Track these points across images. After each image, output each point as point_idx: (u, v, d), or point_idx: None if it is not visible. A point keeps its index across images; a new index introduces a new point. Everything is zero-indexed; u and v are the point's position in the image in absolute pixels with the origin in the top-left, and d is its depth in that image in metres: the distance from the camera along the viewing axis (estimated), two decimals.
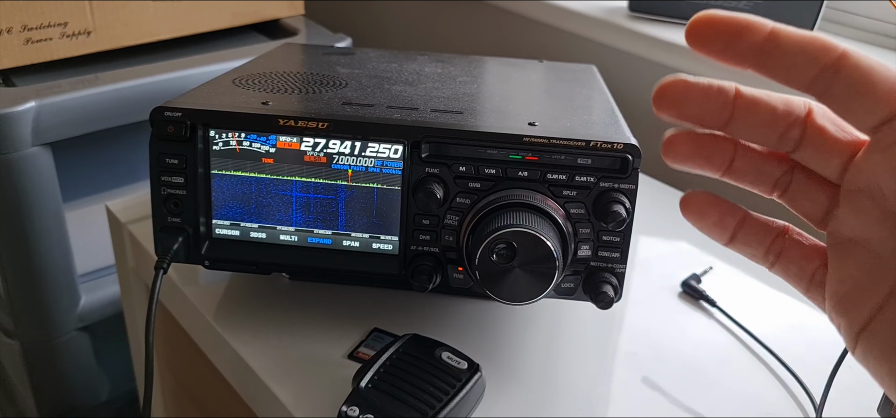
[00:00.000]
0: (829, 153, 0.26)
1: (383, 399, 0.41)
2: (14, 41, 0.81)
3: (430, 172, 0.44)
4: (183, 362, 0.66)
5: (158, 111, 0.45)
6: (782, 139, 0.27)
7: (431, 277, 0.46)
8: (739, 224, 0.29)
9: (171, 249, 0.46)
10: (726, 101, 0.26)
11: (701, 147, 0.28)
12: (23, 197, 0.79)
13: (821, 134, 0.26)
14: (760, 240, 0.29)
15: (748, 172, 0.28)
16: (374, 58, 0.64)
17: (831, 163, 0.27)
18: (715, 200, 0.29)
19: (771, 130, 0.26)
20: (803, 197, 0.28)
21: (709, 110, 0.27)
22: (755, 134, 0.27)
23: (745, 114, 0.26)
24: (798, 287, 0.29)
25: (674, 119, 0.27)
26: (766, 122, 0.26)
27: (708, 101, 0.26)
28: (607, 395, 0.48)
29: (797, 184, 0.28)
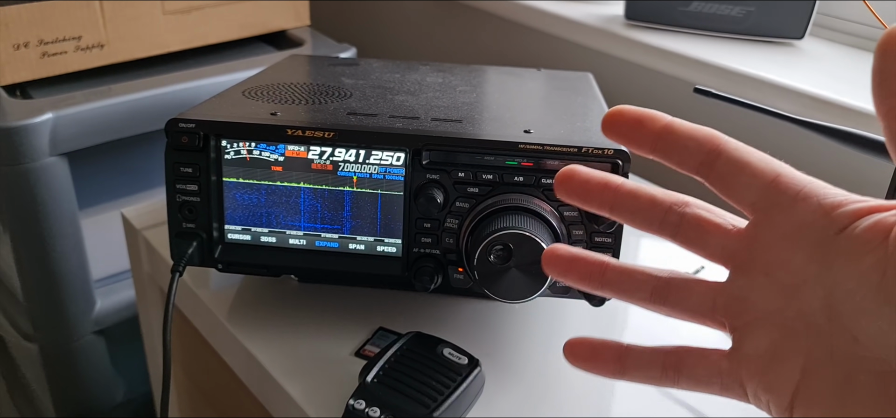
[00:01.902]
0: (706, 232, 0.29)
1: (388, 393, 0.43)
2: (31, 55, 0.84)
3: (431, 178, 0.47)
4: (196, 362, 0.68)
5: (173, 123, 0.47)
6: (663, 222, 0.30)
7: (433, 278, 0.48)
8: (622, 354, 0.31)
9: (185, 254, 0.49)
10: (608, 190, 0.30)
11: (577, 265, 0.32)
12: (40, 205, 0.82)
13: (697, 218, 0.29)
14: (651, 362, 0.30)
15: (621, 288, 0.31)
16: (378, 68, 0.66)
17: (710, 242, 0.29)
18: (591, 341, 0.32)
19: (650, 214, 0.30)
20: (684, 300, 0.30)
21: (593, 196, 0.31)
22: (638, 217, 0.30)
23: (627, 200, 0.30)
24: (713, 389, 0.29)
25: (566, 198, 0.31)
26: (645, 207, 0.30)
27: (590, 189, 0.31)
28: (603, 389, 0.50)
29: (674, 292, 0.30)
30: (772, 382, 0.27)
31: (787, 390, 0.27)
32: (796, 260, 0.27)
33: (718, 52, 0.79)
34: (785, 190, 0.27)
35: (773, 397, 0.27)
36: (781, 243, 0.27)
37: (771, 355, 0.27)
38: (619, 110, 0.30)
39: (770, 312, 0.27)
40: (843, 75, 0.75)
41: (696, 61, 0.78)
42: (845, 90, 0.69)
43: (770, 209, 0.27)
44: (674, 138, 0.29)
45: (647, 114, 0.29)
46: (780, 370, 0.27)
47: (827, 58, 0.81)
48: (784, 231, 0.27)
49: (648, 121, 0.29)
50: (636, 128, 0.30)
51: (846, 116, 0.66)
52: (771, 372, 0.27)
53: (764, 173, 0.28)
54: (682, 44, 0.81)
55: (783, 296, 0.27)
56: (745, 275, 0.28)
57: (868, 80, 0.27)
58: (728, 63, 0.76)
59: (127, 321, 0.93)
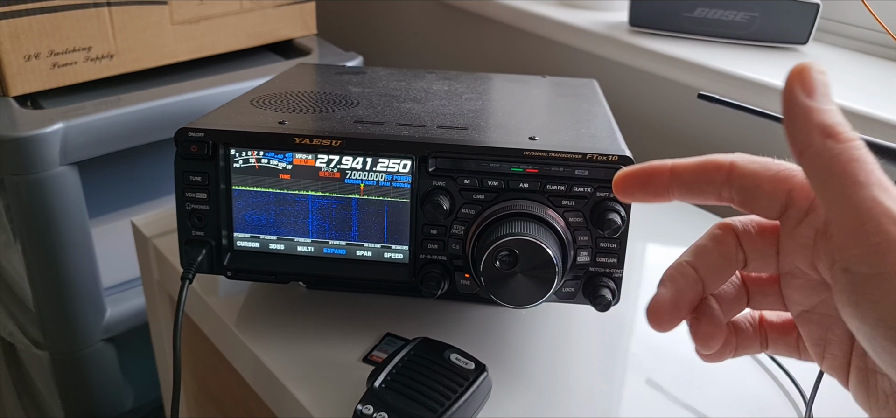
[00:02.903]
0: (762, 252, 0.31)
1: (396, 398, 0.44)
2: (42, 65, 0.85)
3: (437, 185, 0.47)
4: (206, 368, 0.69)
5: (182, 132, 0.48)
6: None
7: (440, 284, 0.48)
8: (731, 333, 0.33)
9: (195, 261, 0.49)
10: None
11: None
12: (51, 214, 0.82)
13: (750, 240, 0.31)
14: (751, 337, 0.33)
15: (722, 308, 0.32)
16: (384, 76, 0.67)
17: (769, 257, 0.31)
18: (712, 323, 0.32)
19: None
20: (763, 300, 0.32)
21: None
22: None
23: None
24: (797, 358, 0.33)
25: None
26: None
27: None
28: (608, 393, 0.50)
29: (755, 297, 0.33)
30: (830, 362, 0.30)
31: (843, 369, 0.29)
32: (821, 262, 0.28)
33: (723, 57, 0.79)
34: (800, 202, 0.28)
35: (834, 373, 0.30)
36: (804, 250, 0.29)
37: (823, 341, 0.30)
38: (624, 174, 0.31)
39: (812, 306, 0.30)
40: (848, 80, 0.75)
41: (700, 67, 0.78)
42: (850, 95, 0.70)
43: (792, 221, 0.29)
44: (683, 181, 0.30)
45: (650, 168, 0.31)
46: (832, 353, 0.30)
47: (831, 63, 0.81)
48: (806, 240, 0.29)
49: (654, 174, 0.30)
50: (647, 185, 0.31)
51: (851, 121, 0.66)
52: (827, 354, 0.30)
53: (777, 192, 0.29)
54: (687, 50, 0.81)
55: (818, 292, 0.29)
56: (785, 277, 0.31)
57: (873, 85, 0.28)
58: (732, 68, 0.76)
59: (136, 328, 0.94)
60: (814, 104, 0.27)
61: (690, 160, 0.30)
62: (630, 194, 0.31)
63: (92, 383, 0.94)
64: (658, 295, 0.31)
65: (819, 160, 0.26)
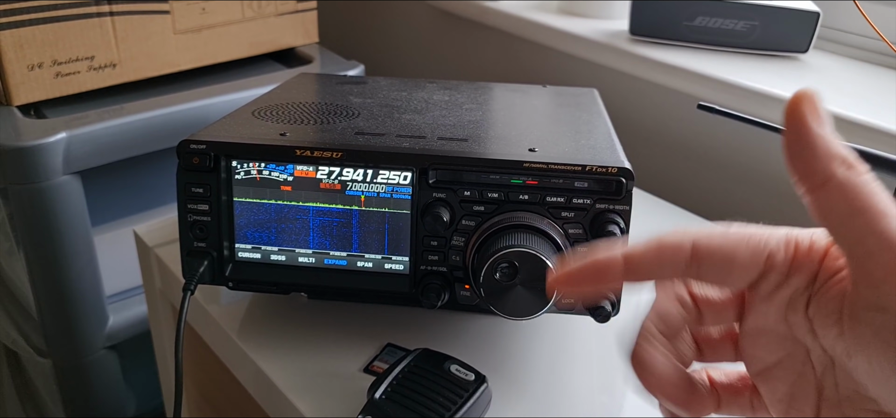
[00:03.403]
0: (721, 313, 0.30)
1: (396, 408, 0.44)
2: (45, 75, 0.86)
3: (438, 197, 0.47)
4: (207, 377, 0.69)
5: (184, 144, 0.48)
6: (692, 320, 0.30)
7: (440, 295, 0.49)
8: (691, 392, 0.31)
9: (197, 272, 0.50)
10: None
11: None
12: (54, 223, 0.83)
13: (707, 300, 0.30)
14: (706, 397, 0.31)
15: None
16: (385, 86, 0.67)
17: (728, 317, 0.30)
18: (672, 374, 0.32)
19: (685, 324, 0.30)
20: (717, 354, 0.32)
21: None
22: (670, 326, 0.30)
23: (671, 322, 0.30)
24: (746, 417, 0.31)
25: None
26: (679, 325, 0.30)
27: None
28: (608, 404, 0.50)
29: (707, 347, 0.32)
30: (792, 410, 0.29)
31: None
32: (792, 318, 0.28)
33: (723, 66, 0.80)
34: (779, 268, 0.27)
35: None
36: (777, 309, 0.28)
37: (788, 397, 0.29)
38: (567, 274, 0.28)
39: (778, 361, 0.29)
40: (848, 89, 0.75)
41: (700, 76, 0.78)
42: (850, 104, 0.70)
43: (768, 286, 0.28)
44: (641, 270, 0.28)
45: (597, 264, 0.28)
46: (799, 408, 0.28)
47: (831, 71, 0.81)
48: (780, 301, 0.28)
49: (604, 269, 0.28)
50: (599, 281, 0.28)
51: (851, 131, 0.67)
52: (792, 410, 0.28)
53: (755, 263, 0.27)
54: (687, 59, 0.81)
55: (785, 346, 0.28)
56: (751, 336, 0.29)
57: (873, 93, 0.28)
58: (732, 78, 0.76)
59: (138, 336, 0.94)
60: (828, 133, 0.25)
61: (643, 245, 0.28)
62: (572, 292, 0.29)
63: (94, 390, 0.95)
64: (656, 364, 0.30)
65: (843, 193, 0.24)
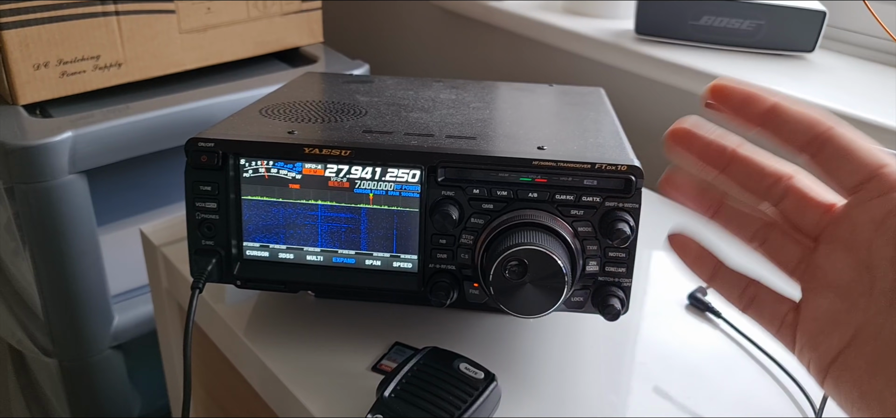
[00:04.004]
0: (805, 208, 0.31)
1: (406, 407, 0.44)
2: (51, 74, 0.86)
3: (446, 195, 0.47)
4: (213, 375, 0.69)
5: (192, 142, 0.48)
6: (768, 191, 0.32)
7: (449, 293, 0.49)
8: (716, 267, 0.34)
9: (205, 270, 0.50)
10: (724, 155, 0.32)
11: (694, 188, 0.34)
12: (60, 222, 0.83)
13: (800, 193, 0.31)
14: (735, 283, 0.34)
15: (731, 221, 0.34)
16: (392, 85, 0.67)
17: (807, 216, 0.31)
18: (696, 242, 0.35)
19: (758, 183, 0.32)
20: (778, 249, 0.33)
21: (709, 157, 0.32)
22: (746, 183, 0.32)
23: (739, 167, 0.32)
24: (769, 328, 0.33)
25: (679, 158, 0.33)
26: (755, 176, 0.32)
27: (708, 150, 0.32)
28: (618, 404, 0.50)
29: (773, 239, 0.33)
30: (818, 343, 0.30)
31: (829, 355, 0.29)
32: (878, 242, 0.29)
33: (729, 65, 0.80)
34: (886, 180, 0.29)
35: (815, 356, 0.30)
36: (869, 225, 0.29)
37: (826, 319, 0.30)
38: (724, 86, 0.31)
39: (839, 283, 0.30)
40: (854, 88, 0.75)
41: (707, 75, 0.78)
42: (856, 103, 0.70)
43: (867, 195, 0.29)
44: (783, 118, 0.30)
45: (753, 93, 0.31)
46: (829, 334, 0.30)
47: (837, 70, 0.81)
48: (874, 216, 0.29)
49: (755, 101, 0.31)
50: (743, 105, 0.31)
51: (857, 129, 0.66)
52: (821, 335, 0.30)
53: (869, 164, 0.29)
54: (693, 58, 0.81)
55: (856, 271, 0.29)
56: (828, 247, 0.31)
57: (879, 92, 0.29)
58: (739, 77, 0.76)
59: (144, 336, 0.94)
60: None
61: (793, 105, 0.30)
62: (722, 104, 0.31)
63: (100, 390, 0.95)
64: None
65: None
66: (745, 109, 0.31)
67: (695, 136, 0.32)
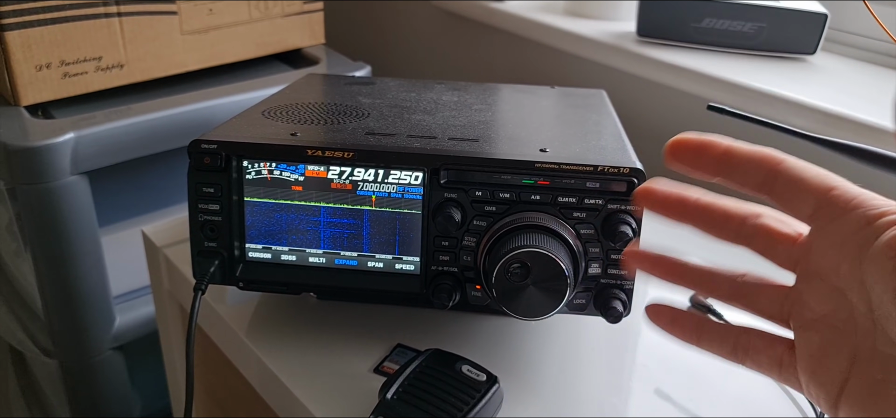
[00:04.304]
0: (775, 244, 0.32)
1: (408, 409, 0.44)
2: (53, 75, 0.86)
3: (449, 197, 0.47)
4: (215, 376, 0.69)
5: (195, 144, 0.48)
6: (737, 234, 0.32)
7: (451, 295, 0.49)
8: (700, 326, 0.35)
9: (208, 272, 0.50)
10: (686, 205, 0.33)
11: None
12: (61, 223, 0.83)
13: (767, 229, 0.32)
14: (724, 337, 0.34)
15: (702, 283, 0.35)
16: (394, 87, 0.67)
17: (778, 252, 0.32)
18: (675, 310, 0.35)
19: (725, 227, 0.32)
20: (756, 300, 0.33)
21: (672, 211, 0.34)
22: (713, 230, 0.33)
23: (703, 215, 0.33)
24: (771, 374, 0.33)
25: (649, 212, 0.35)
26: (720, 221, 0.33)
27: (670, 204, 0.34)
28: (619, 406, 0.50)
29: (750, 292, 0.33)
30: (822, 378, 0.30)
31: (835, 386, 0.29)
32: (844, 266, 0.29)
33: (731, 68, 0.80)
34: (837, 202, 0.29)
35: (822, 392, 0.30)
36: (832, 250, 0.29)
37: (821, 352, 0.30)
38: (680, 141, 0.32)
39: (824, 314, 0.30)
40: (856, 90, 0.75)
41: (708, 77, 0.78)
42: (858, 105, 0.70)
43: (824, 220, 0.30)
44: (734, 162, 0.31)
45: (707, 141, 0.32)
46: (828, 366, 0.29)
47: (839, 73, 0.81)
48: (835, 240, 0.29)
49: (709, 148, 0.32)
50: (698, 156, 0.32)
51: (859, 132, 0.67)
52: (821, 368, 0.30)
53: (818, 189, 0.30)
54: (695, 60, 0.81)
55: (834, 298, 0.30)
56: (805, 279, 0.31)
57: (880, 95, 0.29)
58: (740, 79, 0.76)
59: (145, 337, 0.94)
60: None
61: (746, 145, 0.31)
62: (680, 160, 0.32)
63: (100, 391, 0.95)
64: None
65: None
66: (702, 159, 0.32)
67: (656, 193, 0.34)
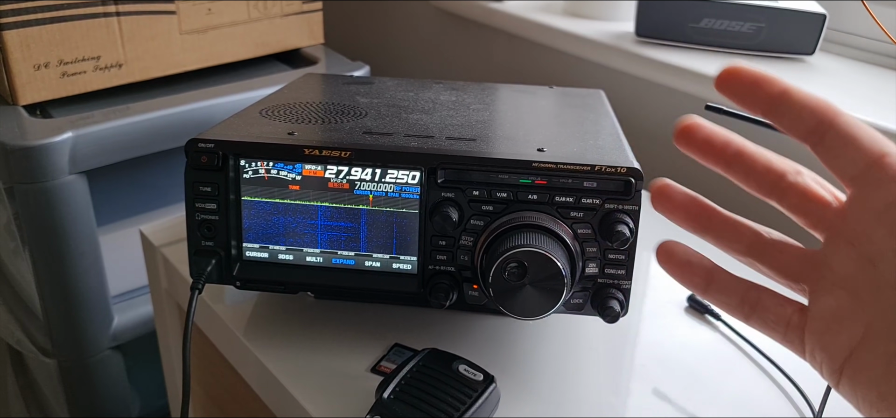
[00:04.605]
0: (809, 203, 0.31)
1: (405, 409, 0.44)
2: (51, 75, 0.86)
3: (446, 196, 0.47)
4: (212, 376, 0.69)
5: (193, 143, 0.48)
6: (772, 188, 0.31)
7: (448, 294, 0.49)
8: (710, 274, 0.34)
9: (205, 271, 0.50)
10: (728, 148, 0.32)
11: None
12: (60, 222, 0.83)
13: (803, 189, 0.31)
14: (733, 290, 0.33)
15: (723, 232, 0.33)
16: (392, 87, 0.67)
17: (811, 212, 0.31)
18: (688, 250, 0.34)
19: (762, 179, 0.32)
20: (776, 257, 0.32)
21: (714, 151, 0.32)
22: (749, 179, 0.32)
23: (743, 162, 0.32)
24: (775, 334, 0.32)
25: (687, 150, 0.33)
26: (758, 172, 0.32)
27: (713, 144, 0.32)
28: (617, 405, 0.50)
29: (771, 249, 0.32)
30: (828, 343, 0.29)
31: (841, 354, 0.29)
32: (878, 234, 0.28)
33: None
34: (887, 168, 0.28)
35: (826, 357, 0.29)
36: (870, 217, 0.29)
37: (835, 317, 0.29)
38: (735, 69, 0.31)
39: (845, 278, 0.29)
40: (854, 90, 0.75)
41: (707, 78, 0.78)
42: (856, 105, 0.70)
43: (868, 185, 0.29)
44: (790, 103, 0.30)
45: (763, 77, 0.31)
46: (838, 333, 0.29)
47: (838, 73, 0.81)
48: (876, 207, 0.28)
49: (765, 84, 0.30)
50: (752, 90, 0.31)
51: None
52: (830, 333, 0.29)
53: (870, 151, 0.29)
54: (693, 60, 0.81)
55: (860, 265, 0.29)
56: (833, 242, 0.30)
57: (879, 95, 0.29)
58: None
59: (143, 336, 0.94)
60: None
61: (803, 91, 0.30)
62: (732, 89, 0.31)
63: (99, 391, 0.95)
64: None
65: None
66: (755, 93, 0.31)
67: (701, 129, 0.32)
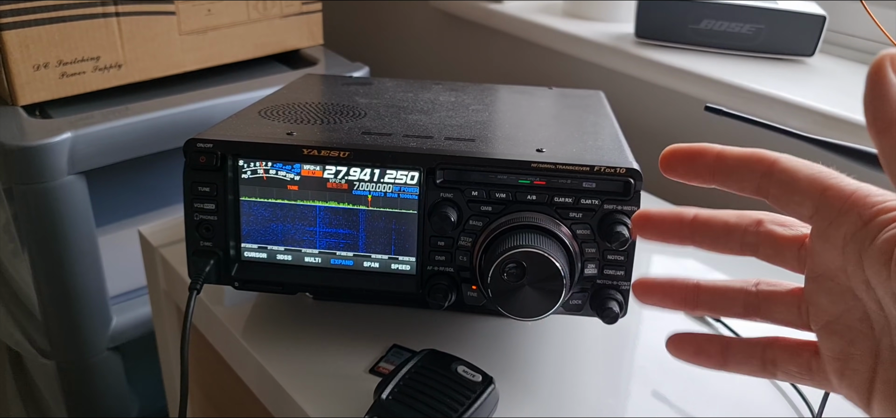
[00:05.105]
0: (782, 249, 0.31)
1: (403, 410, 0.44)
2: (50, 75, 0.86)
3: (445, 197, 0.47)
4: (211, 377, 0.69)
5: (191, 143, 0.48)
6: (742, 244, 0.32)
7: (447, 295, 0.48)
8: (725, 349, 0.33)
9: (203, 271, 0.49)
10: (684, 225, 0.33)
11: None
12: (58, 223, 0.83)
13: (771, 236, 0.31)
14: (750, 355, 0.33)
15: (715, 304, 0.34)
16: (391, 88, 0.67)
17: (786, 257, 0.31)
18: (697, 335, 0.34)
19: (729, 240, 0.32)
20: (773, 312, 0.32)
21: (671, 233, 0.33)
22: (717, 245, 0.32)
23: (705, 231, 0.32)
24: (806, 382, 0.32)
25: (647, 239, 0.34)
26: (722, 234, 0.32)
27: (667, 226, 0.33)
28: (616, 407, 0.50)
29: (766, 303, 0.32)
30: (850, 380, 0.29)
31: (864, 387, 0.29)
32: (849, 268, 0.28)
33: (729, 69, 0.79)
34: (833, 202, 0.28)
35: (852, 393, 0.29)
36: (835, 253, 0.29)
37: (844, 355, 0.29)
38: (672, 151, 0.32)
39: (839, 314, 0.29)
40: (854, 92, 0.75)
41: (706, 79, 0.78)
42: (856, 106, 0.70)
43: (822, 222, 0.29)
44: (727, 167, 0.31)
45: (697, 148, 0.31)
46: (854, 368, 0.29)
47: (837, 74, 0.81)
48: (836, 242, 0.28)
49: (701, 155, 0.31)
50: (692, 164, 0.31)
51: (857, 133, 0.67)
52: (848, 369, 0.29)
53: (812, 191, 0.29)
54: (693, 61, 0.81)
55: (846, 298, 0.29)
56: (814, 281, 0.30)
57: None
58: (739, 80, 0.76)
59: (142, 337, 0.94)
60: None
61: (736, 148, 0.31)
62: (674, 169, 0.32)
63: (98, 392, 0.95)
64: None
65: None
66: (695, 166, 0.31)
67: (652, 218, 0.33)
